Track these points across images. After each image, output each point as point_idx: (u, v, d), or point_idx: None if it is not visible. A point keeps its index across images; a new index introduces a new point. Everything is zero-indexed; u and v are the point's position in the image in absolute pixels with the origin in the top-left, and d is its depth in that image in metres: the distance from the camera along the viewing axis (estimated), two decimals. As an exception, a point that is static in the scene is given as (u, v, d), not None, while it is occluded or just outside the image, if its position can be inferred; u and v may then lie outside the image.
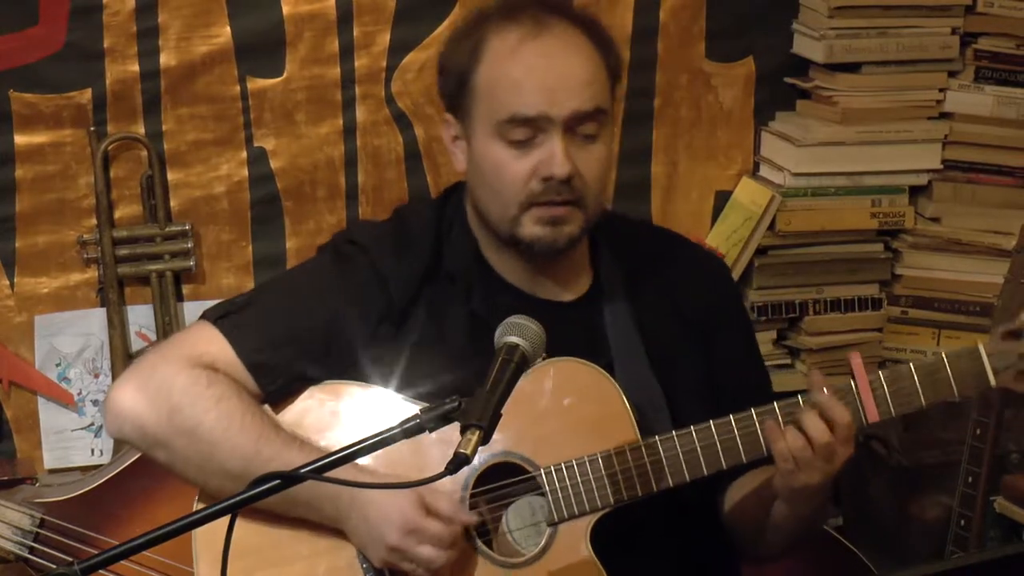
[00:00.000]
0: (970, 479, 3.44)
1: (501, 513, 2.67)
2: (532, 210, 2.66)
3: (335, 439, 2.65)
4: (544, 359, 2.66)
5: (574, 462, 2.63)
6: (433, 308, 2.73)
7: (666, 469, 2.62)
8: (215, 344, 2.69)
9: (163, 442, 2.66)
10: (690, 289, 2.82)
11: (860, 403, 2.60)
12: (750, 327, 2.97)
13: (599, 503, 2.63)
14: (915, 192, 3.98)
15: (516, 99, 2.63)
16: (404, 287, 2.73)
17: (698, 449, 2.62)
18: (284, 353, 2.70)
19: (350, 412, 2.71)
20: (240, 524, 2.22)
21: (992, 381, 2.61)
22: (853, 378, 2.61)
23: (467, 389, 2.31)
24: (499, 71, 2.65)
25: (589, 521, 2.64)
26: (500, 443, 2.64)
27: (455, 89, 2.72)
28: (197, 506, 2.69)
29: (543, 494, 2.64)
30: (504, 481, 2.66)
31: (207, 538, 2.59)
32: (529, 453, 2.65)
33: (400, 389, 2.70)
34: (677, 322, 2.80)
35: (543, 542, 2.65)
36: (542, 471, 2.64)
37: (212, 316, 2.73)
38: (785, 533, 2.73)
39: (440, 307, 2.73)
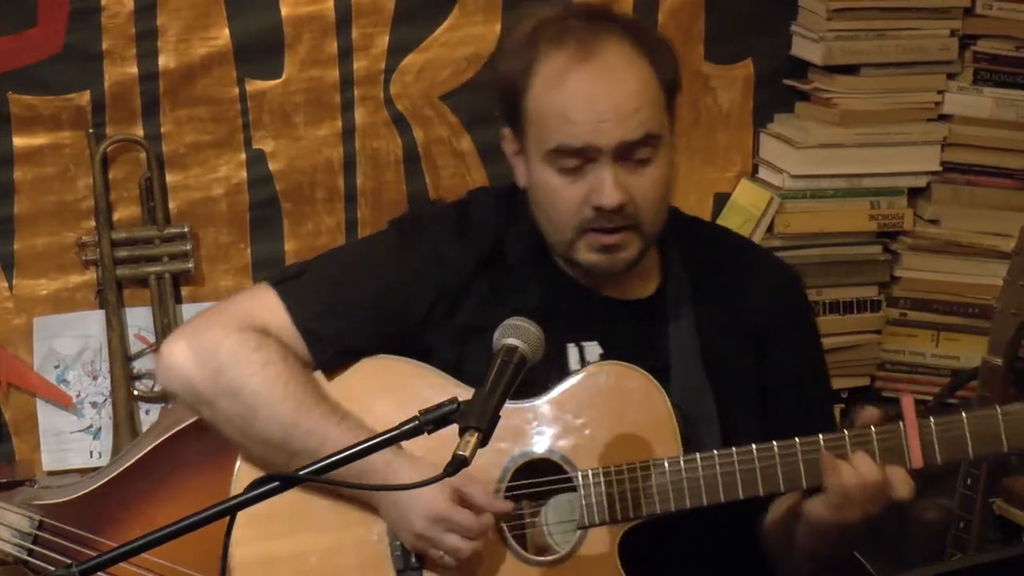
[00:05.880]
0: (969, 481, 3.44)
1: (536, 509, 2.66)
2: (587, 236, 2.64)
3: (381, 414, 2.63)
4: (601, 358, 2.67)
5: (612, 469, 2.62)
6: (489, 295, 2.73)
7: (702, 488, 2.59)
8: (271, 308, 2.71)
9: (208, 401, 2.68)
10: (755, 298, 2.78)
11: (906, 447, 2.55)
12: (816, 346, 2.89)
13: (631, 513, 2.61)
14: (914, 194, 3.98)
15: (563, 129, 2.60)
16: (461, 271, 2.73)
17: (737, 472, 2.59)
18: (338, 323, 2.70)
19: (400, 388, 2.70)
20: None
21: None
22: (902, 419, 2.56)
23: None
24: (546, 100, 2.62)
25: (620, 529, 2.62)
26: (543, 441, 2.65)
27: (509, 108, 2.69)
28: (239, 465, 2.71)
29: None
30: (541, 478, 2.65)
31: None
32: (570, 453, 2.65)
33: (451, 370, 2.69)
34: (738, 330, 2.76)
35: (572, 544, 2.64)
36: (579, 473, 2.62)
37: (272, 280, 2.75)
38: (813, 561, 2.71)
39: (497, 295, 2.73)
